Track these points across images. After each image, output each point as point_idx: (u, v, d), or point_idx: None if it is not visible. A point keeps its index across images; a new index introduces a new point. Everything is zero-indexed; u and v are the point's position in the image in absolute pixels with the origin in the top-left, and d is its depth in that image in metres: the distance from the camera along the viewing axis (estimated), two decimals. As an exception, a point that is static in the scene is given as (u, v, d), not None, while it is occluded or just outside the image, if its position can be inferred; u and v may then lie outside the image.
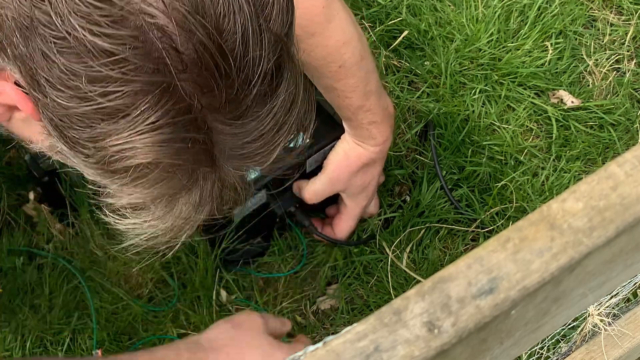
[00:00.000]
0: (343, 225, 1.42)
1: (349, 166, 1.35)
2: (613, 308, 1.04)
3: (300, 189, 1.39)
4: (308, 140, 0.84)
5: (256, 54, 0.69)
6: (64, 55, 0.67)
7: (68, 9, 0.65)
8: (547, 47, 1.66)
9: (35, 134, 0.77)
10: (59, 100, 0.69)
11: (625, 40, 1.70)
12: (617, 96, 1.63)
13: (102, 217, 0.80)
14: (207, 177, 0.77)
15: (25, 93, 0.72)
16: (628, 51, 1.69)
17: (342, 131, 1.36)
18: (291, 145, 0.81)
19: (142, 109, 0.68)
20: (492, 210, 1.48)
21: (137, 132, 0.69)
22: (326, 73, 1.24)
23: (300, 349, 1.21)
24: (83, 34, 0.66)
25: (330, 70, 1.23)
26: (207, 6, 0.66)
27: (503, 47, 1.65)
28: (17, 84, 0.73)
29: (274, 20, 0.70)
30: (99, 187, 0.77)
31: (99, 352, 1.33)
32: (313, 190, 1.38)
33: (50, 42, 0.67)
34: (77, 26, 0.66)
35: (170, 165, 0.72)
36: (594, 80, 1.66)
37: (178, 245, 0.84)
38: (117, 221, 0.79)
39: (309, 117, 0.80)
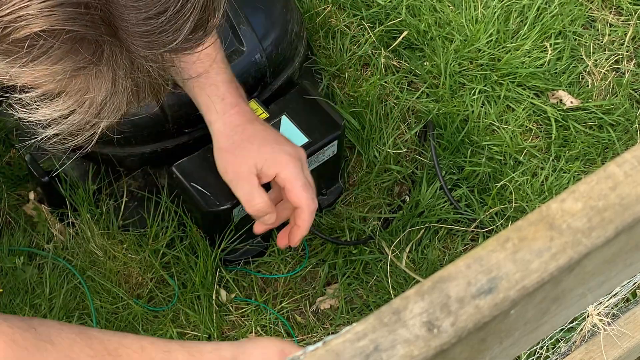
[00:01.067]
0: (280, 211, 1.23)
1: (227, 149, 1.19)
2: (612, 308, 1.04)
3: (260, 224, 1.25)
4: (222, 20, 0.81)
5: None
6: None
7: None
8: (546, 47, 1.66)
9: None
10: None
11: (624, 41, 1.70)
12: (616, 96, 1.63)
13: (13, 113, 0.75)
14: (115, 55, 0.73)
15: None
16: (627, 51, 1.69)
17: (340, 129, 1.36)
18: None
19: None
20: (491, 210, 1.48)
21: (27, 3, 0.67)
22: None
23: None
24: None
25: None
26: None
27: (502, 48, 1.65)
28: None
29: None
30: (10, 75, 0.73)
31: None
32: (248, 203, 1.19)
33: None
34: None
35: (67, 33, 0.70)
36: (593, 80, 1.66)
37: (97, 135, 0.79)
38: (29, 114, 0.75)
39: None
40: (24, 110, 0.75)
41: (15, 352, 0.92)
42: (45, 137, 0.77)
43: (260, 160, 1.17)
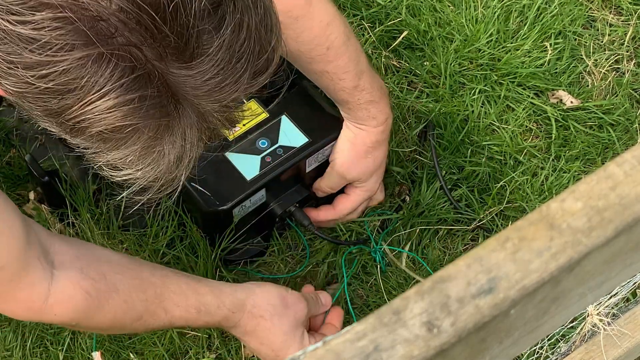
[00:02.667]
0: (347, 203, 1.42)
1: (356, 154, 1.35)
2: (612, 308, 1.04)
3: (313, 187, 1.41)
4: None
5: None
6: None
7: None
8: (546, 47, 1.66)
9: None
10: (10, 87, 0.73)
11: (624, 41, 1.70)
12: (616, 96, 1.63)
13: (98, 171, 0.82)
14: (182, 118, 0.78)
15: None
16: (627, 51, 1.69)
17: (340, 129, 1.36)
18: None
19: (83, 81, 0.71)
20: (491, 210, 1.48)
21: (85, 103, 0.72)
22: (315, 57, 1.23)
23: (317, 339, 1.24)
24: (5, 25, 0.69)
25: (319, 54, 1.23)
26: None
27: (502, 48, 1.65)
28: None
29: None
30: (84, 149, 0.79)
31: (99, 354, 1.33)
32: (328, 186, 1.39)
33: None
34: None
35: (128, 126, 0.75)
36: (593, 80, 1.66)
37: (181, 182, 0.86)
38: (112, 174, 0.81)
39: (273, 32, 0.80)
40: (108, 170, 0.81)
41: (87, 302, 1.07)
42: (130, 192, 0.84)
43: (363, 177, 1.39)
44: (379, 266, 1.43)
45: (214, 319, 1.19)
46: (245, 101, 0.82)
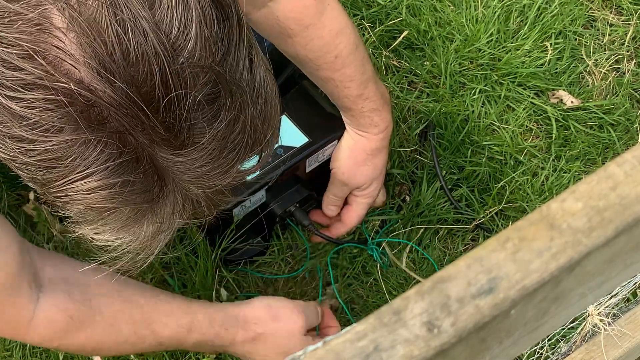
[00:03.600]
0: (353, 215, 1.43)
1: (356, 162, 1.36)
2: (613, 308, 1.04)
3: (324, 205, 1.43)
4: (277, 145, 0.85)
5: (180, 91, 0.69)
6: None
7: None
8: (546, 47, 1.66)
9: None
10: (0, 152, 0.73)
11: (625, 41, 1.70)
12: (616, 96, 1.63)
13: (76, 232, 0.82)
14: (166, 200, 0.78)
15: None
16: (628, 51, 1.69)
17: (341, 129, 1.36)
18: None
19: (68, 160, 0.71)
20: (491, 210, 1.48)
21: (68, 180, 0.73)
22: (323, 65, 1.24)
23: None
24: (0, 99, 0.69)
25: (327, 62, 1.24)
26: (118, 58, 0.67)
27: (503, 48, 1.65)
28: None
29: (199, 55, 0.70)
30: (71, 221, 0.80)
31: (98, 357, 1.33)
32: (332, 194, 1.40)
33: None
34: None
35: (108, 208, 0.75)
36: (593, 80, 1.66)
37: (154, 256, 0.86)
38: (92, 237, 0.81)
39: (270, 125, 0.80)
40: (90, 234, 0.81)
41: (68, 325, 1.08)
42: (109, 257, 0.84)
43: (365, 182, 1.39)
44: (378, 265, 1.43)
45: (206, 337, 1.19)
46: (232, 183, 0.82)
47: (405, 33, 1.65)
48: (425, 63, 1.64)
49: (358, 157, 1.36)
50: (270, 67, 0.80)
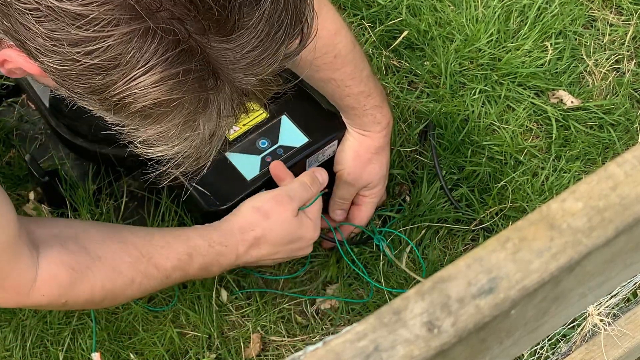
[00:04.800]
0: (363, 215, 1.42)
1: (361, 162, 1.36)
2: (613, 308, 1.04)
3: (331, 210, 1.42)
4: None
5: None
6: (42, 24, 0.71)
7: None
8: (546, 47, 1.66)
9: (55, 85, 0.81)
10: (52, 65, 0.74)
11: (625, 41, 1.70)
12: (616, 96, 1.63)
13: (133, 149, 0.83)
14: (220, 93, 0.79)
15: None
16: (628, 51, 1.69)
17: (340, 129, 1.36)
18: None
19: (128, 57, 0.72)
20: (491, 210, 1.48)
21: (131, 78, 0.73)
22: (322, 65, 1.24)
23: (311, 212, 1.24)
24: (51, 2, 0.69)
25: (326, 62, 1.24)
26: None
27: (503, 47, 1.65)
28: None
29: None
30: (122, 127, 0.80)
31: (98, 355, 1.33)
32: (339, 198, 1.40)
33: (27, 14, 0.71)
34: None
35: (173, 100, 0.75)
36: (593, 80, 1.66)
37: (211, 158, 0.87)
38: (147, 152, 0.82)
39: (307, 3, 0.81)
40: (143, 147, 0.82)
41: (72, 276, 1.07)
42: (169, 167, 0.86)
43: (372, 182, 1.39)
44: (381, 264, 1.43)
45: (209, 258, 1.18)
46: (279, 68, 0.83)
47: (405, 33, 1.65)
48: (425, 63, 1.64)
49: (363, 157, 1.36)
50: None
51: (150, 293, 1.29)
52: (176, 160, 0.84)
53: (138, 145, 0.82)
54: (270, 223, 1.22)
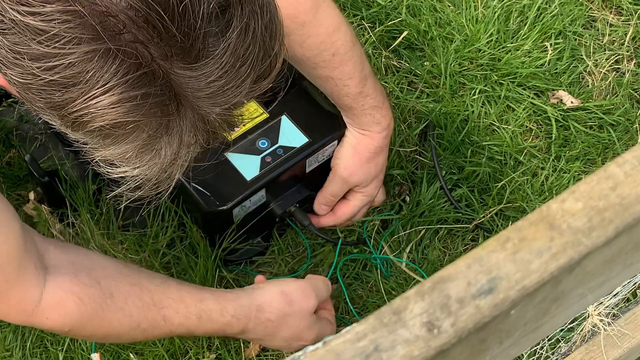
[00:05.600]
0: (347, 209, 1.42)
1: (359, 160, 1.36)
2: (613, 308, 1.04)
3: (316, 203, 1.41)
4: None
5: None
6: (5, 36, 0.71)
7: None
8: (546, 47, 1.66)
9: (20, 98, 0.81)
10: (14, 77, 0.73)
11: (624, 41, 1.70)
12: (616, 96, 1.63)
13: (95, 167, 0.83)
14: (182, 119, 0.78)
15: None
16: (627, 51, 1.69)
17: (340, 129, 1.36)
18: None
19: (88, 76, 0.71)
20: (491, 210, 1.48)
21: (89, 97, 0.73)
22: (320, 63, 1.24)
23: (326, 328, 1.23)
24: (14, 15, 0.69)
25: (324, 59, 1.24)
26: None
27: (502, 48, 1.65)
28: None
29: None
30: (83, 144, 0.80)
31: (98, 355, 1.33)
32: (329, 193, 1.39)
33: None
34: (7, 8, 0.69)
35: (131, 122, 0.75)
36: (593, 80, 1.66)
37: (174, 181, 0.86)
38: (108, 171, 0.82)
39: (276, 38, 0.80)
40: (105, 166, 0.82)
41: (79, 308, 1.06)
42: (127, 188, 0.84)
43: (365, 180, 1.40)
44: (380, 271, 1.43)
45: (216, 325, 1.18)
46: (245, 101, 0.82)
47: (405, 33, 1.65)
48: (425, 63, 1.64)
49: (362, 156, 1.36)
50: None
51: (150, 340, 1.30)
52: (136, 183, 0.83)
53: (100, 163, 0.82)
54: (290, 311, 1.23)
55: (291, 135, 1.34)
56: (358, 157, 1.36)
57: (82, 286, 1.07)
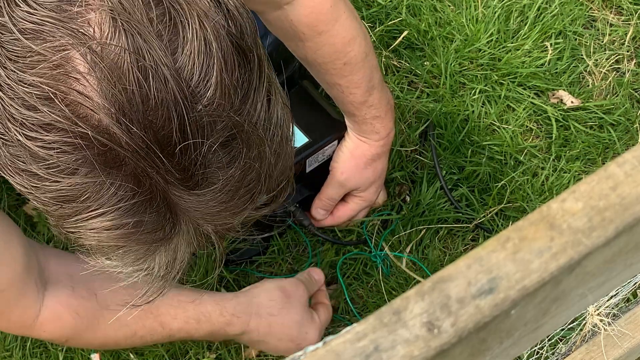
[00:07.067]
0: (345, 212, 1.43)
1: (356, 164, 1.36)
2: (613, 308, 1.04)
3: (314, 207, 1.42)
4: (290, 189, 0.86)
5: (197, 140, 0.70)
6: (8, 148, 0.71)
7: (6, 113, 0.69)
8: (546, 47, 1.66)
9: None
10: (15, 184, 0.74)
11: (625, 41, 1.70)
12: (616, 96, 1.63)
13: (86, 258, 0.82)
14: (178, 235, 0.78)
15: None
16: (628, 51, 1.69)
17: (340, 129, 1.36)
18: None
19: (82, 199, 0.71)
20: (492, 210, 1.48)
21: (82, 218, 0.73)
22: (331, 70, 1.24)
23: (322, 315, 1.24)
24: (17, 137, 0.69)
25: (335, 67, 1.24)
26: (137, 104, 0.67)
27: (503, 48, 1.65)
28: None
29: (218, 102, 0.70)
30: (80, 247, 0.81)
31: (97, 356, 1.33)
32: (326, 196, 1.40)
33: None
34: (11, 128, 0.69)
35: (122, 246, 0.76)
36: (593, 80, 1.66)
37: (167, 288, 0.86)
38: (103, 262, 0.82)
39: (284, 175, 0.80)
40: (96, 256, 0.81)
41: (76, 323, 1.09)
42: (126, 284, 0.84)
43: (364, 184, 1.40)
44: (380, 269, 1.43)
45: (217, 326, 1.19)
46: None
47: (405, 33, 1.65)
48: (425, 63, 1.64)
49: (359, 161, 1.36)
50: (288, 101, 0.82)
51: (150, 345, 1.31)
52: (133, 280, 0.84)
53: (92, 253, 0.82)
54: (289, 306, 1.24)
55: (291, 135, 1.34)
56: (355, 161, 1.36)
57: (79, 300, 1.08)
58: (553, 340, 1.19)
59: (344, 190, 1.40)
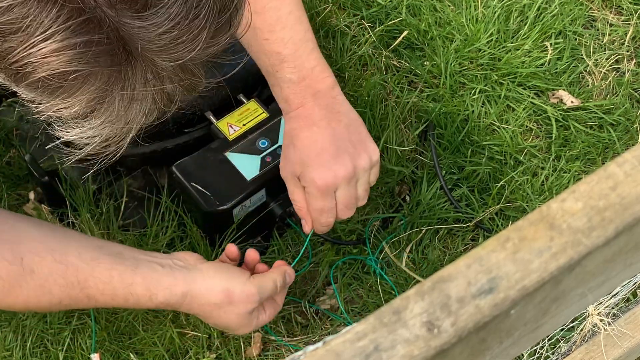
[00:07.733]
0: (312, 212, 1.22)
1: (285, 147, 1.20)
2: (613, 308, 1.04)
3: (315, 227, 1.25)
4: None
5: None
6: None
7: None
8: (546, 47, 1.66)
9: None
10: None
11: (624, 41, 1.70)
12: (616, 96, 1.63)
13: (51, 132, 0.79)
14: (135, 73, 0.74)
15: None
16: (628, 51, 1.69)
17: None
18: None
19: (27, 21, 0.68)
20: (491, 210, 1.48)
21: (30, 44, 0.69)
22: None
23: (264, 316, 1.16)
24: None
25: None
26: None
27: (503, 47, 1.65)
28: None
29: None
30: (35, 104, 0.76)
31: (97, 356, 1.33)
32: (296, 202, 1.24)
33: None
34: None
35: (74, 72, 0.72)
36: (593, 80, 1.66)
37: (125, 145, 0.82)
38: (65, 133, 0.79)
39: None
40: (60, 128, 0.79)
41: None
42: (82, 151, 0.81)
43: (297, 170, 1.19)
44: (378, 272, 1.43)
45: (145, 306, 1.13)
46: (203, 58, 0.77)
47: (405, 33, 1.65)
48: (425, 63, 1.64)
49: (285, 141, 1.20)
50: None
51: (79, 310, 1.27)
52: (91, 145, 0.80)
53: (56, 127, 0.78)
54: (227, 310, 1.14)
55: (291, 135, 1.34)
56: (285, 146, 1.20)
57: (3, 262, 1.03)
58: (553, 340, 1.19)
59: (293, 184, 1.21)
